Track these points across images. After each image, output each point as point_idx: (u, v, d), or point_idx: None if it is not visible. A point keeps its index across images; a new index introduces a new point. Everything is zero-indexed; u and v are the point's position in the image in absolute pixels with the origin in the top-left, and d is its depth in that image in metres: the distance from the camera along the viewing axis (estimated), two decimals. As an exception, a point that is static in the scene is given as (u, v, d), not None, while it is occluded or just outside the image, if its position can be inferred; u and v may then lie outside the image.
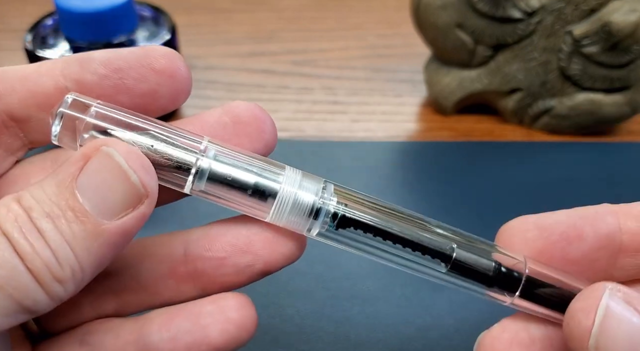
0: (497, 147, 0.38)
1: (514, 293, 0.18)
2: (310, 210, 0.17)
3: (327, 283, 0.29)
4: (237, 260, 0.18)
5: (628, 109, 0.37)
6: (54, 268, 0.15)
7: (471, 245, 0.18)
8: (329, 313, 0.28)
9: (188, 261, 0.18)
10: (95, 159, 0.15)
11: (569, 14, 0.35)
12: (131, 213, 0.15)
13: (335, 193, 0.18)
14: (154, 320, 0.18)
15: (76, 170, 0.15)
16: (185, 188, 0.17)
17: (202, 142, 0.17)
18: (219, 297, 0.18)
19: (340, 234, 0.18)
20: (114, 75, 0.17)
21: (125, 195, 0.15)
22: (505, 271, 0.18)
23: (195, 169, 0.17)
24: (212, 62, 0.45)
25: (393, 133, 0.39)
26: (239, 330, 0.18)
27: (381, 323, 0.28)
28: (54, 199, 0.15)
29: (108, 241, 0.15)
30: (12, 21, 0.48)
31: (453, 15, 0.36)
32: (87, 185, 0.15)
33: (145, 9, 0.38)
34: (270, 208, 0.17)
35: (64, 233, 0.15)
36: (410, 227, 0.18)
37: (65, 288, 0.15)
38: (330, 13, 0.51)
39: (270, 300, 0.28)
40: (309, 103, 0.41)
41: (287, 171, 0.18)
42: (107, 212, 0.15)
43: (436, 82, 0.40)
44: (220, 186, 0.17)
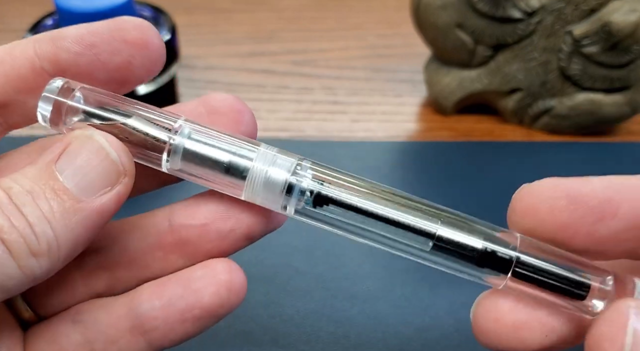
0: (497, 147, 0.38)
1: (506, 274, 0.17)
2: (282, 187, 0.17)
3: (327, 283, 0.29)
4: (219, 226, 0.18)
5: (628, 109, 0.37)
6: (30, 241, 0.15)
7: (458, 222, 0.17)
8: (329, 313, 0.28)
9: (173, 231, 0.18)
10: (76, 141, 0.16)
11: (569, 14, 0.35)
12: (110, 192, 0.16)
13: (312, 170, 0.18)
14: (146, 290, 0.18)
15: (56, 155, 0.16)
16: (162, 167, 0.17)
17: (178, 120, 0.17)
18: (208, 263, 0.18)
19: (317, 212, 0.18)
20: (88, 51, 0.17)
21: (105, 173, 0.16)
22: (495, 251, 0.17)
23: (168, 147, 0.17)
24: (212, 62, 0.45)
25: (393, 133, 0.39)
26: (229, 292, 0.18)
27: (381, 323, 0.28)
28: (34, 180, 0.15)
29: (86, 218, 0.16)
30: (12, 21, 0.48)
31: (453, 15, 0.36)
32: (66, 166, 0.16)
33: (145, 9, 0.38)
34: (244, 186, 0.17)
35: (43, 208, 0.15)
36: (392, 204, 0.17)
37: (39, 264, 0.15)
38: (330, 13, 0.51)
39: (270, 300, 0.28)
40: (309, 103, 0.41)
41: (262, 148, 0.18)
42: (87, 190, 0.16)
43: (436, 82, 0.40)
44: (195, 164, 0.17)
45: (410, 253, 0.18)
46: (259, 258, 0.30)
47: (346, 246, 0.31)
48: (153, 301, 0.18)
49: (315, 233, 0.32)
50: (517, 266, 0.17)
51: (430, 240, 0.17)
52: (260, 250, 0.31)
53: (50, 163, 0.16)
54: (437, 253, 0.17)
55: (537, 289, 0.17)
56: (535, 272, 0.17)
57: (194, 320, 0.18)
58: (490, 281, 0.17)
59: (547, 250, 0.17)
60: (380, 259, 0.30)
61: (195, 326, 0.18)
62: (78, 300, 0.19)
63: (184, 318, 0.18)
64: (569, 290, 0.17)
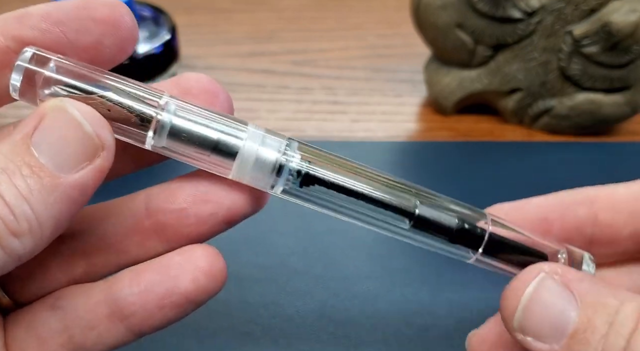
0: (497, 147, 0.38)
1: (477, 250, 0.18)
2: (272, 167, 0.17)
3: (327, 283, 0.29)
4: (198, 210, 0.18)
5: (628, 109, 0.37)
6: (10, 222, 0.14)
7: (435, 201, 0.18)
8: (329, 313, 0.28)
9: (151, 215, 0.18)
10: (50, 114, 0.15)
11: (569, 14, 0.35)
12: (88, 166, 0.15)
13: (300, 151, 0.18)
14: (124, 276, 0.18)
15: (30, 129, 0.15)
16: (146, 144, 0.17)
17: (162, 96, 0.17)
18: (187, 249, 0.18)
19: (304, 192, 0.18)
20: (54, 28, 0.17)
21: (81, 147, 0.15)
22: (469, 228, 0.18)
23: (155, 124, 0.16)
24: (212, 62, 0.45)
25: (393, 133, 0.39)
26: (208, 278, 0.18)
27: (381, 323, 0.28)
28: (9, 156, 0.15)
29: (65, 194, 0.15)
30: (12, 21, 0.48)
31: (453, 15, 0.36)
32: (42, 141, 0.15)
33: (145, 9, 0.38)
34: (233, 165, 0.17)
35: (20, 187, 0.15)
36: (375, 183, 0.18)
37: (22, 243, 0.15)
38: (330, 13, 0.51)
39: (270, 300, 0.28)
40: (309, 103, 0.41)
41: (250, 127, 0.17)
42: (64, 166, 0.15)
43: (436, 82, 0.40)
44: (181, 142, 0.17)
45: (390, 230, 0.19)
46: (258, 258, 0.30)
47: (346, 246, 0.31)
48: (131, 287, 0.18)
49: (315, 234, 0.32)
50: (486, 244, 0.18)
51: (409, 219, 0.18)
52: (260, 251, 0.31)
53: (26, 137, 0.15)
54: (416, 231, 0.18)
55: (502, 263, 0.19)
56: (502, 248, 0.18)
57: (173, 306, 0.18)
58: (460, 254, 0.19)
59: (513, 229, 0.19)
60: (380, 259, 0.30)
61: (175, 312, 0.18)
62: (56, 286, 0.19)
63: (162, 304, 0.18)
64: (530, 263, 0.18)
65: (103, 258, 0.19)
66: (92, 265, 0.19)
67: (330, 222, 0.32)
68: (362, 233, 0.32)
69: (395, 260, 0.30)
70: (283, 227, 0.32)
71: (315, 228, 0.32)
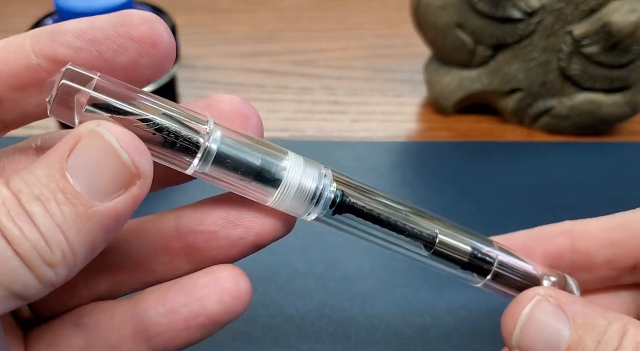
0: (497, 147, 0.38)
1: (485, 277, 0.20)
2: (312, 196, 0.17)
3: (327, 283, 0.29)
4: (228, 233, 0.18)
5: (628, 109, 0.37)
6: (44, 252, 0.14)
7: (452, 232, 0.20)
8: (329, 313, 0.28)
9: (180, 236, 0.18)
10: (86, 139, 0.15)
11: (569, 14, 0.35)
12: (123, 195, 0.15)
13: (334, 180, 0.18)
14: (149, 296, 0.18)
15: (66, 151, 0.15)
16: (189, 170, 0.16)
17: (208, 122, 0.16)
18: (213, 269, 0.18)
19: (335, 219, 0.18)
20: (89, 47, 0.16)
21: (117, 175, 0.15)
22: (480, 258, 0.20)
23: (203, 151, 0.16)
24: (212, 62, 0.45)
25: (393, 133, 0.39)
26: (234, 300, 0.18)
27: (381, 323, 0.28)
28: (43, 181, 0.14)
29: (100, 223, 0.15)
30: (12, 21, 0.48)
31: (453, 15, 0.36)
32: (77, 166, 0.14)
33: (145, 9, 0.38)
34: (274, 193, 0.17)
35: (54, 216, 0.14)
36: (399, 213, 0.19)
37: (56, 273, 0.15)
38: (330, 13, 0.51)
39: (270, 300, 0.28)
40: (309, 103, 0.41)
41: (291, 156, 0.17)
42: (99, 193, 0.15)
43: (436, 82, 0.40)
44: (224, 169, 0.16)
45: (410, 256, 0.20)
46: (258, 258, 0.30)
47: (346, 246, 0.31)
48: (157, 308, 0.18)
49: (315, 234, 0.32)
50: (494, 272, 0.21)
51: (428, 249, 0.19)
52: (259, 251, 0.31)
53: (61, 161, 0.14)
54: (434, 258, 0.20)
55: (504, 287, 0.21)
56: (505, 275, 0.21)
57: (199, 326, 0.18)
58: (470, 279, 0.21)
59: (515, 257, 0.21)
60: (380, 259, 0.30)
61: (201, 333, 0.18)
62: (80, 302, 0.19)
63: (188, 325, 0.18)
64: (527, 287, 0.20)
65: (129, 276, 0.19)
66: (118, 282, 0.19)
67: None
68: (362, 233, 0.32)
69: (395, 260, 0.30)
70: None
71: (316, 228, 0.32)
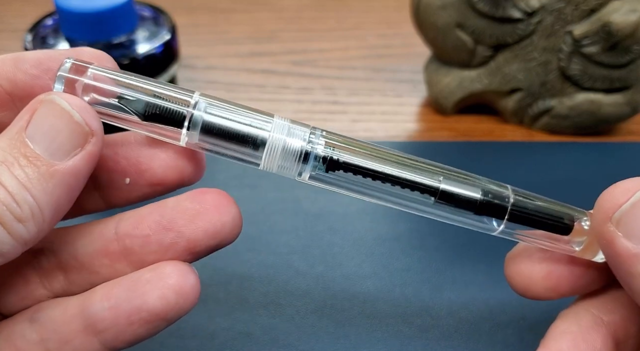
0: (497, 147, 0.38)
1: (502, 219, 0.19)
2: (299, 155, 0.18)
3: (327, 283, 0.29)
4: (161, 238, 0.18)
5: (628, 109, 0.37)
6: (13, 208, 0.16)
7: (458, 177, 0.19)
8: (329, 313, 0.28)
9: (119, 239, 0.19)
10: (41, 108, 0.17)
11: (569, 14, 0.35)
12: (80, 153, 0.17)
13: (324, 138, 0.19)
14: (98, 291, 0.18)
15: (24, 123, 0.16)
16: (181, 141, 0.18)
17: (193, 95, 0.18)
18: (158, 265, 0.18)
19: (330, 176, 0.19)
20: (44, 75, 0.18)
21: (72, 135, 0.17)
22: (492, 198, 0.19)
23: (188, 121, 0.17)
24: (212, 62, 0.45)
25: (393, 133, 0.39)
26: (177, 296, 0.18)
27: (381, 323, 0.28)
28: (6, 149, 0.16)
29: (62, 181, 0.16)
30: (12, 21, 0.48)
31: (453, 15, 0.36)
32: (35, 132, 0.16)
33: (145, 9, 0.38)
34: (262, 155, 0.18)
35: (19, 176, 0.16)
36: (398, 164, 0.19)
37: (27, 228, 0.16)
38: (330, 13, 0.51)
39: (270, 299, 0.28)
40: (309, 104, 0.41)
41: (276, 119, 0.18)
42: (58, 154, 0.16)
43: (436, 82, 0.40)
44: (213, 137, 0.18)
45: (415, 208, 0.19)
46: (258, 258, 0.30)
47: (346, 246, 0.31)
48: (102, 302, 0.18)
49: (315, 234, 0.32)
50: (512, 211, 0.19)
51: (433, 195, 0.19)
52: (260, 250, 0.31)
53: (20, 131, 0.16)
54: (440, 206, 0.19)
55: (530, 229, 0.19)
56: (528, 214, 0.19)
57: (142, 322, 0.18)
58: (486, 226, 0.19)
59: (534, 197, 0.19)
60: (380, 259, 0.30)
61: (145, 329, 0.18)
62: (37, 300, 0.19)
63: (130, 320, 0.18)
64: (557, 225, 0.19)
65: (78, 276, 0.19)
66: (70, 282, 0.19)
67: (331, 221, 0.33)
68: (362, 233, 0.32)
69: (395, 260, 0.30)
70: (283, 227, 0.32)
71: (316, 228, 0.32)
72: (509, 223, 0.19)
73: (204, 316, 0.27)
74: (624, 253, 0.17)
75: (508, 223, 0.19)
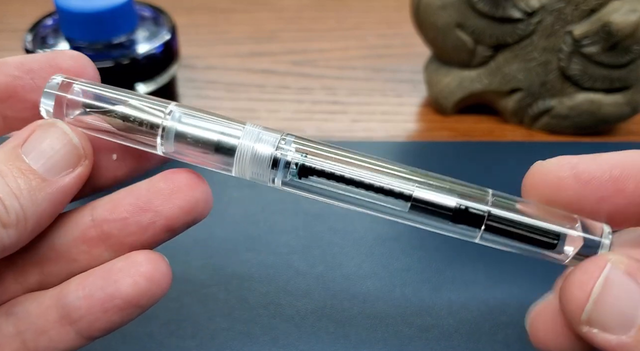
0: (497, 147, 0.38)
1: (479, 228, 0.18)
2: (269, 161, 0.18)
3: (327, 283, 0.29)
4: (139, 219, 0.19)
5: (628, 109, 0.37)
6: (1, 213, 0.16)
7: (433, 183, 0.18)
8: (329, 313, 0.28)
9: (96, 225, 0.19)
10: (39, 129, 0.18)
11: (569, 14, 0.35)
12: (72, 173, 0.18)
13: (295, 144, 0.19)
14: (72, 282, 0.19)
15: (21, 141, 0.18)
16: (158, 150, 0.19)
17: (169, 106, 0.19)
18: (130, 254, 0.19)
19: (302, 183, 0.19)
20: (25, 76, 0.19)
21: (67, 156, 0.18)
22: (468, 207, 0.18)
23: (161, 130, 0.18)
24: (212, 62, 0.45)
25: (393, 133, 0.39)
26: (149, 282, 0.18)
27: (381, 323, 0.28)
28: (2, 161, 0.17)
29: (51, 195, 0.17)
30: (12, 21, 0.48)
31: (453, 15, 0.36)
32: (32, 149, 0.18)
33: (145, 9, 0.38)
34: (233, 162, 0.19)
35: (11, 185, 0.17)
36: (371, 170, 0.19)
37: (8, 235, 0.17)
38: (330, 13, 0.51)
39: (270, 300, 0.28)
40: (309, 104, 0.41)
41: (247, 126, 0.19)
42: (51, 171, 0.18)
43: (436, 82, 0.40)
44: (187, 145, 0.18)
45: (390, 214, 0.19)
46: (258, 258, 0.30)
47: (346, 245, 0.31)
48: (77, 292, 0.19)
49: (315, 234, 0.32)
50: (489, 221, 0.18)
51: (407, 202, 0.18)
52: (260, 250, 0.31)
53: (17, 147, 0.17)
54: (415, 213, 0.18)
55: (512, 241, 0.18)
56: (507, 225, 0.18)
57: (116, 309, 0.18)
58: (465, 234, 0.19)
59: (518, 205, 0.18)
60: (380, 259, 0.30)
61: (119, 316, 0.19)
62: (12, 295, 0.20)
63: (105, 308, 0.18)
64: (540, 239, 0.18)
65: (55, 268, 0.20)
66: (45, 274, 0.20)
67: (331, 221, 0.33)
68: (362, 233, 0.32)
69: (395, 260, 0.30)
70: (283, 227, 0.32)
71: (316, 228, 0.32)
72: (487, 233, 0.18)
73: (204, 316, 0.27)
74: (607, 346, 0.17)
75: (486, 233, 0.18)
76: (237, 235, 0.31)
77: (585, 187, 0.18)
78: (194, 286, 0.29)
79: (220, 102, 0.41)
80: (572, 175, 0.18)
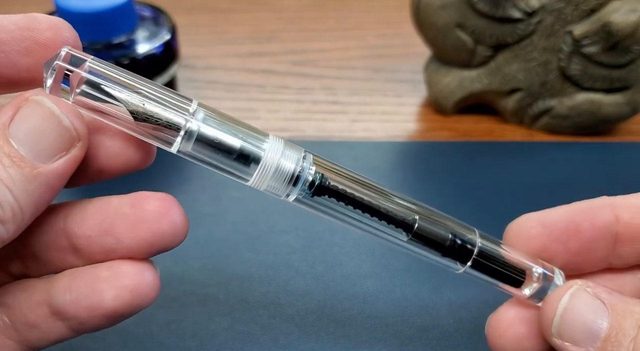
0: (497, 147, 0.38)
1: (466, 263, 0.20)
2: (290, 177, 0.18)
3: (327, 283, 0.29)
4: (102, 241, 0.18)
5: (628, 109, 0.37)
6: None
7: (431, 217, 0.20)
8: (329, 313, 0.28)
9: (67, 235, 0.18)
10: (26, 107, 0.16)
11: (569, 14, 0.35)
12: (65, 156, 0.16)
13: (314, 163, 0.19)
14: (61, 280, 0.18)
15: (7, 119, 0.16)
16: (173, 148, 0.18)
17: (192, 104, 0.18)
18: (114, 264, 0.18)
19: (314, 201, 0.19)
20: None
21: (59, 138, 0.16)
22: (460, 244, 0.20)
23: (185, 130, 0.17)
24: (212, 62, 0.45)
25: (393, 133, 0.39)
26: (133, 295, 0.18)
27: (381, 323, 0.28)
28: None
29: (45, 183, 0.16)
30: (12, 21, 0.48)
31: (453, 15, 0.36)
32: (19, 132, 0.16)
33: (145, 9, 0.38)
34: (254, 173, 0.18)
35: (2, 177, 0.16)
36: (379, 197, 0.19)
37: (6, 229, 0.16)
38: (330, 13, 0.51)
39: (270, 300, 0.28)
40: (309, 104, 0.41)
41: (271, 139, 0.18)
42: (42, 156, 0.16)
43: (436, 82, 0.40)
44: (206, 148, 0.18)
45: (389, 241, 0.20)
46: (258, 258, 0.30)
47: (346, 246, 0.31)
48: (65, 295, 0.18)
49: (315, 234, 0.32)
50: (475, 258, 0.20)
51: (408, 231, 0.20)
52: (260, 250, 0.31)
53: (3, 129, 0.16)
54: (412, 243, 0.20)
55: (488, 277, 0.21)
56: (488, 263, 0.20)
57: (102, 317, 0.18)
58: (450, 265, 0.21)
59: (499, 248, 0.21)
60: (380, 259, 0.30)
61: (106, 321, 0.18)
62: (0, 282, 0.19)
63: (91, 314, 0.18)
64: (511, 277, 0.20)
65: (34, 265, 0.19)
66: (27, 268, 0.19)
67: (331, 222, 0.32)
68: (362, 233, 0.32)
69: (395, 260, 0.30)
70: (283, 227, 0.32)
71: (316, 228, 0.32)
72: (469, 268, 0.20)
73: (204, 316, 0.27)
74: None
75: (469, 268, 0.20)
76: (237, 235, 0.31)
77: (551, 234, 0.21)
78: (193, 287, 0.29)
79: (220, 102, 0.41)
80: (539, 225, 0.21)
